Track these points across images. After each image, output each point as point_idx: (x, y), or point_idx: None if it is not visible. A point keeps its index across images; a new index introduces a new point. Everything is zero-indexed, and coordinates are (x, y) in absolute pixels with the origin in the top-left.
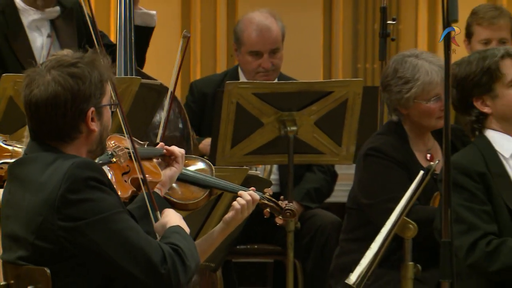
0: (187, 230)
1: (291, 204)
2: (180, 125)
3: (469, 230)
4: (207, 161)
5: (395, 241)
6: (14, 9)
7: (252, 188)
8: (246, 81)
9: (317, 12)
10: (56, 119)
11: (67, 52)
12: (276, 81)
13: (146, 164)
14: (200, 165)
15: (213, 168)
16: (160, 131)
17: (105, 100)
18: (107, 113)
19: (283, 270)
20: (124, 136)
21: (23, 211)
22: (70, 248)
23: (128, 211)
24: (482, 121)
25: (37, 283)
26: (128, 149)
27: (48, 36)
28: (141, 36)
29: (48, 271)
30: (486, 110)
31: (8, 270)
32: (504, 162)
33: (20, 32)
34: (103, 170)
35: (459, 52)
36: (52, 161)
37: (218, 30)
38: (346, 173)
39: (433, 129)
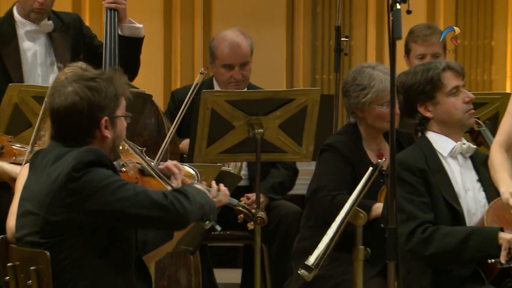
0: (203, 189)
1: (262, 213)
2: (157, 129)
3: (408, 219)
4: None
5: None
6: (12, 21)
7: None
8: (220, 90)
9: (280, 31)
10: (73, 124)
11: (86, 66)
12: (245, 90)
13: (152, 180)
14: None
15: (199, 176)
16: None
17: (119, 112)
18: (120, 123)
19: (251, 253)
20: (138, 153)
21: (37, 192)
22: (79, 218)
23: None
24: (424, 124)
25: (38, 264)
26: (139, 163)
27: (44, 47)
28: (132, 45)
29: (48, 254)
30: (428, 114)
31: (14, 253)
32: (442, 160)
33: (13, 41)
34: (107, 156)
35: (399, 65)
36: (66, 152)
37: (196, 45)
38: (306, 169)
39: (384, 131)
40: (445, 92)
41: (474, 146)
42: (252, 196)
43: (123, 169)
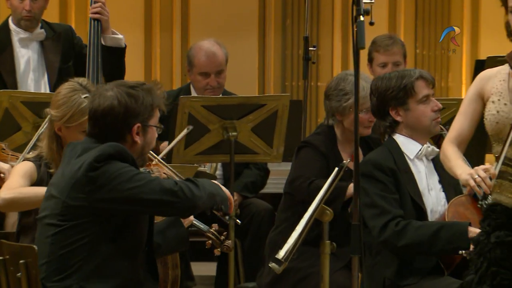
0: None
1: (229, 241)
2: None
3: (381, 214)
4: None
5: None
6: (7, 29)
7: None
8: (196, 95)
9: (253, 41)
10: (108, 125)
11: (86, 82)
12: (220, 95)
13: None
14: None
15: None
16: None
17: (152, 122)
18: (152, 132)
19: (224, 258)
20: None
21: (62, 178)
22: (96, 204)
23: None
24: (394, 127)
25: (27, 258)
26: (165, 174)
27: (37, 53)
28: (115, 55)
29: (36, 248)
30: (398, 119)
31: (4, 248)
32: (409, 161)
33: (8, 48)
34: (130, 154)
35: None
36: (93, 147)
37: (174, 54)
38: (277, 169)
39: (360, 136)
40: (417, 100)
41: (437, 150)
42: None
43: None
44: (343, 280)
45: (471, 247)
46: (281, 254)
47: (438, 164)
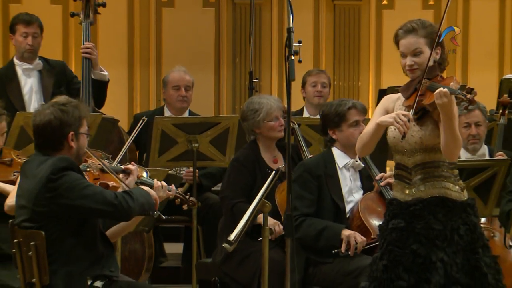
0: (150, 191)
1: (193, 198)
2: (119, 141)
3: (293, 210)
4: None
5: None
6: (12, 65)
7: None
8: (167, 116)
9: (210, 74)
10: (48, 136)
11: (64, 97)
12: (186, 115)
13: (112, 176)
14: (144, 173)
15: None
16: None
17: (82, 130)
18: (82, 138)
19: (190, 231)
20: (98, 158)
21: (27, 190)
22: (56, 208)
23: None
24: (332, 141)
25: (36, 240)
26: (100, 165)
27: (37, 80)
28: (100, 86)
29: (43, 233)
30: (334, 137)
31: (18, 233)
32: (338, 169)
33: (14, 78)
34: (76, 164)
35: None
36: (45, 160)
37: (150, 84)
38: None
39: (276, 139)
40: (348, 124)
41: (363, 165)
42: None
43: (88, 169)
44: (277, 256)
45: (343, 245)
46: (232, 236)
47: (363, 174)
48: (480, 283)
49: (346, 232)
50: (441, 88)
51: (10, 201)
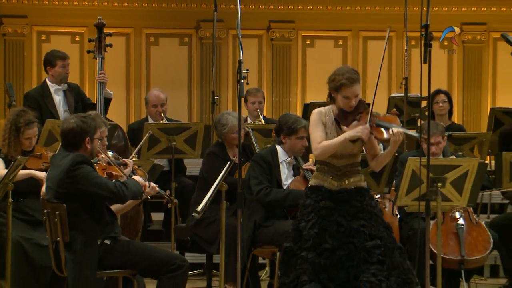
0: (140, 180)
1: (175, 200)
2: (123, 142)
3: (259, 183)
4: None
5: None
6: (46, 85)
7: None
8: (153, 122)
9: (184, 91)
10: (71, 139)
11: (87, 113)
12: (165, 121)
13: (115, 167)
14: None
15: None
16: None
17: (96, 136)
18: (95, 142)
19: (169, 209)
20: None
21: (53, 176)
22: (73, 190)
23: None
24: (280, 142)
25: (60, 211)
26: (107, 159)
27: (64, 97)
28: (106, 102)
29: (65, 206)
30: (284, 140)
31: (47, 205)
32: (279, 162)
33: (49, 96)
34: (89, 160)
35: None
36: (67, 155)
37: (141, 100)
38: (197, 162)
39: (235, 144)
40: (296, 137)
41: (295, 162)
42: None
43: (98, 161)
44: (232, 222)
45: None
46: (199, 208)
47: (295, 167)
48: (387, 235)
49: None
50: (400, 130)
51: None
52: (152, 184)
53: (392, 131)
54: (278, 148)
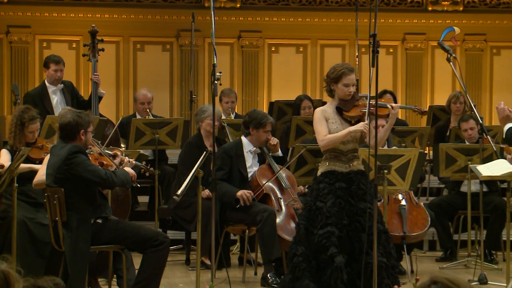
0: (130, 171)
1: (151, 168)
2: (115, 134)
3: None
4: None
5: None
6: (45, 86)
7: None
8: (140, 117)
9: (166, 91)
10: (68, 131)
11: (78, 111)
12: (151, 117)
13: (106, 158)
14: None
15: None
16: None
17: (89, 129)
18: (89, 135)
19: (154, 189)
20: (98, 145)
21: (53, 163)
22: (70, 176)
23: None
24: (247, 134)
25: (59, 194)
26: (98, 149)
27: (60, 96)
28: (99, 100)
29: (62, 189)
30: (251, 132)
31: (47, 189)
32: (245, 151)
33: (47, 96)
34: (84, 150)
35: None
36: (64, 145)
37: (130, 99)
38: (177, 152)
39: (210, 133)
40: (264, 131)
41: (259, 150)
42: None
43: (91, 152)
44: (207, 204)
45: (241, 200)
46: (179, 192)
47: (261, 156)
48: (381, 218)
49: (238, 193)
50: (395, 104)
51: (37, 179)
52: (131, 159)
53: (391, 106)
54: (244, 139)
